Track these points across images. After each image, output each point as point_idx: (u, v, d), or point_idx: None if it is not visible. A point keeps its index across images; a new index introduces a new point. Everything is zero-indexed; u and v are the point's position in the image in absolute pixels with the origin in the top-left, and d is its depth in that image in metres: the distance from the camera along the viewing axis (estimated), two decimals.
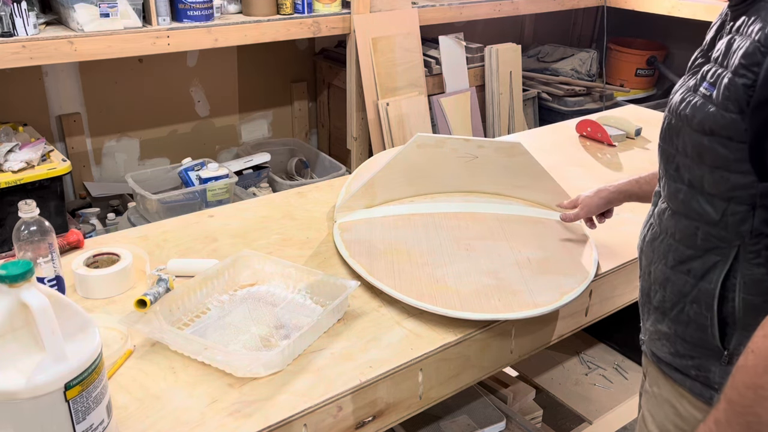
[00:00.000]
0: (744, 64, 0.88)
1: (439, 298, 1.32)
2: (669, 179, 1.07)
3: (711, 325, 1.01)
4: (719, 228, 0.98)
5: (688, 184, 1.02)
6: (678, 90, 1.06)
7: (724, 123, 0.92)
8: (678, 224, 1.04)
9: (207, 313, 1.31)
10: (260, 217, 1.72)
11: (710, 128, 0.94)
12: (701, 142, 0.96)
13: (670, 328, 1.08)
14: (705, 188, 0.99)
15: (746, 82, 0.88)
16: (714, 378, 1.03)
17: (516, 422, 1.69)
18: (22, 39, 2.26)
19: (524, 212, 1.71)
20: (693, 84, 1.01)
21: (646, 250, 1.14)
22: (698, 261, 1.02)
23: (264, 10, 2.80)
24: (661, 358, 1.13)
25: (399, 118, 3.16)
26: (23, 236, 1.23)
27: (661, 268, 1.08)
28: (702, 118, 0.95)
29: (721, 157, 0.94)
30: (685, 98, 1.01)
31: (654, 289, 1.11)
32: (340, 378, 1.14)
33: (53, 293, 0.88)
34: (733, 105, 0.90)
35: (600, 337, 2.29)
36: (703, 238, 1.00)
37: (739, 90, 0.89)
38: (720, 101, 0.92)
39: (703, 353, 1.04)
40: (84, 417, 0.89)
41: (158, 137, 3.26)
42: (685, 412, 1.09)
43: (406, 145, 1.65)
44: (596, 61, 4.07)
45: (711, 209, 0.98)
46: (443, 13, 3.30)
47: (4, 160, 2.28)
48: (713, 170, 0.96)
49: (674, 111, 1.03)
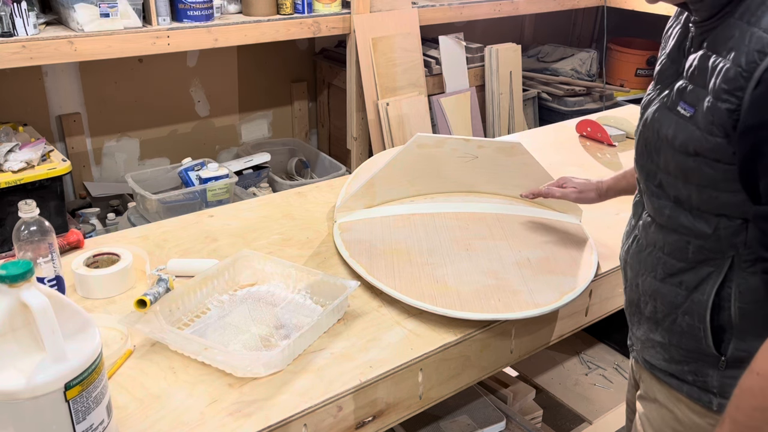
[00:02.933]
0: (726, 89, 0.87)
1: (439, 298, 1.32)
2: (652, 195, 1.05)
3: (705, 336, 1.00)
4: (712, 241, 0.97)
5: (674, 200, 1.00)
6: (651, 103, 1.05)
7: (710, 146, 0.91)
8: (666, 238, 1.03)
9: (207, 313, 1.31)
10: (260, 217, 1.72)
11: (695, 150, 0.93)
12: (686, 162, 0.95)
13: (664, 338, 1.08)
14: (693, 205, 0.97)
15: (730, 107, 0.87)
16: (712, 382, 1.03)
17: (516, 422, 1.69)
18: (22, 39, 2.26)
19: (524, 212, 1.71)
20: (668, 101, 0.99)
21: (632, 261, 1.13)
22: (690, 273, 1.00)
23: (264, 10, 2.80)
24: (655, 365, 1.12)
25: (399, 118, 3.16)
26: (23, 236, 1.23)
27: (650, 280, 1.07)
28: (685, 140, 0.94)
29: (708, 177, 0.93)
30: (663, 116, 0.99)
31: (644, 300, 1.10)
32: (340, 378, 1.14)
33: (53, 293, 0.88)
34: (718, 129, 0.89)
35: (600, 337, 2.29)
36: (695, 251, 0.99)
37: (723, 114, 0.88)
38: (704, 125, 0.91)
39: (700, 358, 1.04)
40: (84, 417, 0.89)
41: (158, 137, 3.26)
42: (683, 417, 1.08)
43: (406, 145, 1.65)
44: (596, 61, 4.07)
45: (702, 224, 0.97)
46: (443, 13, 3.30)
47: (4, 160, 2.28)
48: (701, 189, 0.95)
49: (651, 128, 1.02)
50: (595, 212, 1.68)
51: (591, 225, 1.65)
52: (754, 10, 0.87)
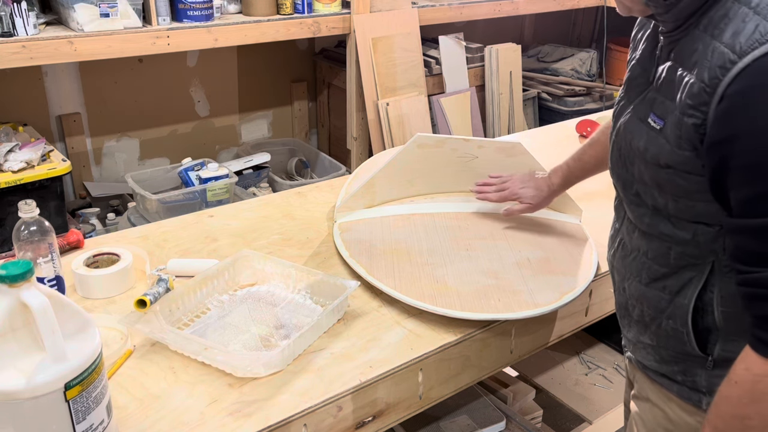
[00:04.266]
0: (691, 105, 0.87)
1: (439, 298, 1.32)
2: (631, 204, 1.06)
3: (688, 340, 1.01)
4: (692, 247, 0.97)
5: (652, 209, 1.01)
6: (623, 112, 1.05)
7: (680, 160, 0.91)
8: (649, 244, 1.04)
9: (207, 313, 1.31)
10: (260, 217, 1.72)
11: (666, 163, 0.93)
12: (659, 173, 0.95)
13: (653, 340, 1.09)
14: (671, 213, 0.98)
15: (696, 122, 0.87)
16: (701, 381, 1.04)
17: (516, 422, 1.69)
18: (22, 39, 2.26)
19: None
20: (640, 111, 1.00)
21: (618, 266, 1.13)
22: (673, 278, 1.01)
23: (264, 10, 2.80)
24: (647, 366, 1.13)
25: (399, 118, 3.16)
26: (23, 236, 1.23)
27: (636, 285, 1.08)
28: (656, 153, 0.94)
29: (682, 187, 0.94)
30: (635, 127, 1.00)
31: (631, 303, 1.11)
32: (340, 378, 1.14)
33: (53, 293, 0.88)
34: (686, 143, 0.90)
35: (600, 337, 2.29)
36: (677, 257, 1.00)
37: (690, 129, 0.88)
38: (672, 139, 0.91)
39: (687, 359, 1.04)
40: (84, 417, 0.89)
41: (158, 137, 3.26)
42: (674, 416, 1.09)
43: (406, 145, 1.65)
44: (596, 61, 4.07)
45: (681, 231, 0.97)
46: (443, 13, 3.30)
47: (4, 160, 2.28)
48: (677, 199, 0.96)
49: (624, 138, 1.02)
50: (595, 212, 1.68)
51: (591, 225, 1.65)
52: (717, 22, 0.87)
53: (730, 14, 0.85)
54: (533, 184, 1.56)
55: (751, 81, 0.81)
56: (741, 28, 0.83)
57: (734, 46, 0.83)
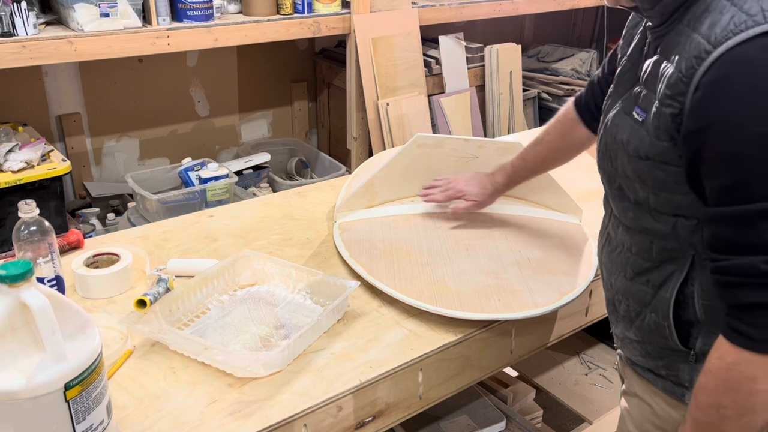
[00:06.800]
0: (669, 94, 0.88)
1: (439, 298, 1.32)
2: (615, 198, 1.07)
3: (670, 333, 1.02)
4: (672, 240, 0.98)
5: (634, 202, 1.02)
6: (612, 107, 1.06)
7: (658, 150, 0.92)
8: (633, 239, 1.05)
9: (207, 313, 1.31)
10: (260, 217, 1.72)
11: (645, 154, 0.94)
12: (639, 166, 0.96)
13: (637, 335, 1.10)
14: (652, 206, 0.99)
15: (673, 111, 0.88)
16: (684, 376, 1.05)
17: (516, 422, 1.69)
18: (22, 39, 2.26)
19: (524, 212, 1.71)
20: (626, 106, 1.01)
21: (605, 261, 1.15)
22: (655, 272, 1.02)
23: (264, 10, 2.80)
24: (634, 361, 1.14)
25: (399, 118, 3.16)
26: (23, 236, 1.23)
27: (621, 279, 1.09)
28: (637, 145, 0.96)
29: (660, 179, 0.95)
30: (621, 121, 1.01)
31: (617, 298, 1.12)
32: (340, 378, 1.14)
33: (53, 293, 0.88)
34: (664, 134, 0.91)
35: (600, 337, 2.29)
36: (659, 251, 1.01)
37: (667, 119, 0.89)
38: (652, 130, 0.92)
39: (670, 354, 1.06)
40: (84, 417, 0.89)
41: (158, 137, 3.26)
42: (660, 411, 1.10)
43: (406, 145, 1.65)
44: (596, 61, 4.06)
45: (661, 225, 0.98)
46: (443, 13, 3.30)
47: (4, 160, 2.28)
48: (657, 191, 0.97)
49: (610, 132, 1.03)
50: (595, 212, 1.68)
51: (591, 225, 1.65)
52: (699, 15, 0.88)
53: (710, 8, 0.87)
54: (477, 182, 1.59)
55: (725, 70, 0.82)
56: (717, 20, 0.84)
57: (710, 36, 0.84)
